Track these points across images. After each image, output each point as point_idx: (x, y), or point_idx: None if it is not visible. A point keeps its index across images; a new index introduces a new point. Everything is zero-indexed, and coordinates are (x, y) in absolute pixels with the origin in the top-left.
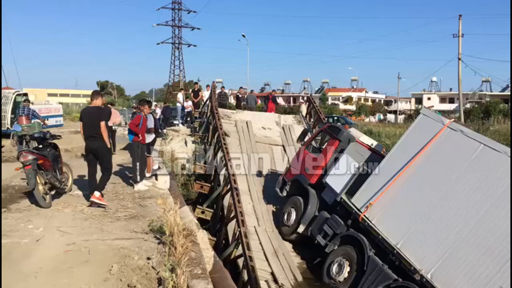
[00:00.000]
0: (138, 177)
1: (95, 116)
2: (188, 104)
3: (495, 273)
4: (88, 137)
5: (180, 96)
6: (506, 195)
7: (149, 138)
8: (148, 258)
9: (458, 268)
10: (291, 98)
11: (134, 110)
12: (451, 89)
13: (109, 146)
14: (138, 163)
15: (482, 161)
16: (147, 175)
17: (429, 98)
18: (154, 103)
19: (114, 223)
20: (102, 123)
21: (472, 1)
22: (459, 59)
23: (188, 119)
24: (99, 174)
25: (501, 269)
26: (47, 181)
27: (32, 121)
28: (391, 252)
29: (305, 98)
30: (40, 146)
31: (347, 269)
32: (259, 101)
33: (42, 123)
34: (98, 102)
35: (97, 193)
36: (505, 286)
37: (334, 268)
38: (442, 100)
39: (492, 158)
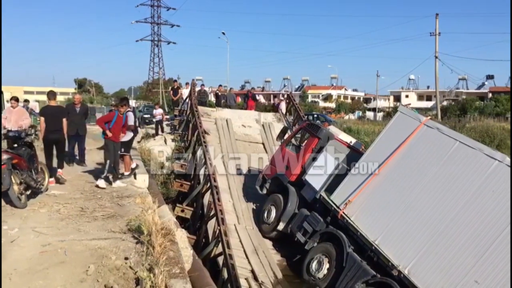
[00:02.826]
0: (105, 173)
1: (59, 113)
2: (158, 112)
3: (470, 268)
4: (53, 131)
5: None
6: (480, 191)
7: (127, 136)
8: (126, 258)
9: (434, 264)
10: (271, 96)
11: (112, 108)
12: (428, 87)
13: (66, 137)
14: (108, 161)
15: (458, 158)
16: (126, 173)
17: (407, 96)
18: (134, 101)
19: (91, 223)
20: (64, 120)
21: (448, 0)
22: (436, 57)
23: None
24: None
25: (476, 263)
26: (22, 180)
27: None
28: (369, 248)
29: (285, 96)
30: (15, 145)
31: (326, 265)
32: (239, 99)
33: (38, 119)
34: (55, 101)
35: (60, 170)
36: (480, 280)
37: (314, 265)
38: (420, 97)
39: (467, 155)
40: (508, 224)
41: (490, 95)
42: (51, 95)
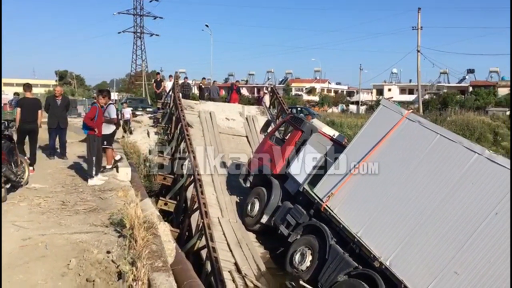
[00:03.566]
0: (94, 172)
1: (35, 105)
2: (127, 111)
3: (450, 259)
4: (28, 121)
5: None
6: (461, 183)
7: (110, 129)
8: (108, 252)
9: (415, 255)
10: (255, 89)
11: (94, 101)
12: (410, 81)
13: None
14: (94, 158)
15: (439, 151)
16: (108, 167)
17: (389, 89)
18: (116, 94)
19: (73, 217)
20: (39, 111)
21: None
22: (418, 51)
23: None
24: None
25: (455, 255)
26: (1, 174)
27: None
28: (351, 240)
29: (269, 89)
30: None
31: (309, 258)
32: (223, 92)
33: None
34: (31, 93)
35: (31, 168)
36: (460, 271)
37: (297, 257)
38: (402, 91)
39: (448, 148)
40: (486, 217)
41: (470, 89)
42: (27, 87)
